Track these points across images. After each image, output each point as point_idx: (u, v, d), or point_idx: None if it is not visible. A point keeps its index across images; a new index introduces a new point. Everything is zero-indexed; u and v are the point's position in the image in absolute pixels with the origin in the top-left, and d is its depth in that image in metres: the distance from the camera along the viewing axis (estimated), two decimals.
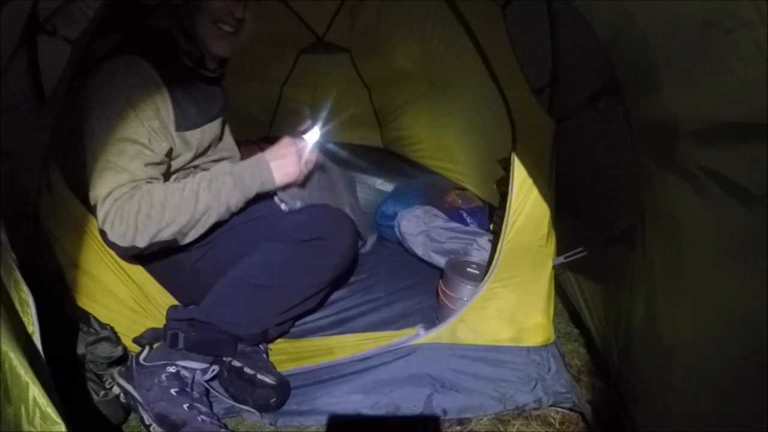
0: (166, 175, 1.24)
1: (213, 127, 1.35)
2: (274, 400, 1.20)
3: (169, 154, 1.22)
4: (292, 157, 1.33)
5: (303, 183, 1.43)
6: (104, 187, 1.12)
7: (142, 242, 1.14)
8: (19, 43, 1.15)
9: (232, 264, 1.28)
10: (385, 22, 2.30)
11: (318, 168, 1.52)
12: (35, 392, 0.77)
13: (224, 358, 1.23)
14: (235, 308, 1.24)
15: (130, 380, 1.17)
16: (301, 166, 1.36)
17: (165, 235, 1.16)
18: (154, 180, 1.18)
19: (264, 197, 1.37)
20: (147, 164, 1.15)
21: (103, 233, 1.14)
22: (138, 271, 1.29)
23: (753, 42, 0.66)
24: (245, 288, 1.25)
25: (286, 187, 1.38)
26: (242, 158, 1.40)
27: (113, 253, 1.22)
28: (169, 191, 1.17)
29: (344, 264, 1.37)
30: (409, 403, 1.25)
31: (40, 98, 1.28)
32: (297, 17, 2.38)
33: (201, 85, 1.30)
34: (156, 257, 1.26)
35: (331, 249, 1.31)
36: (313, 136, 1.44)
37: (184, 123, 1.23)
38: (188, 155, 1.27)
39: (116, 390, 1.17)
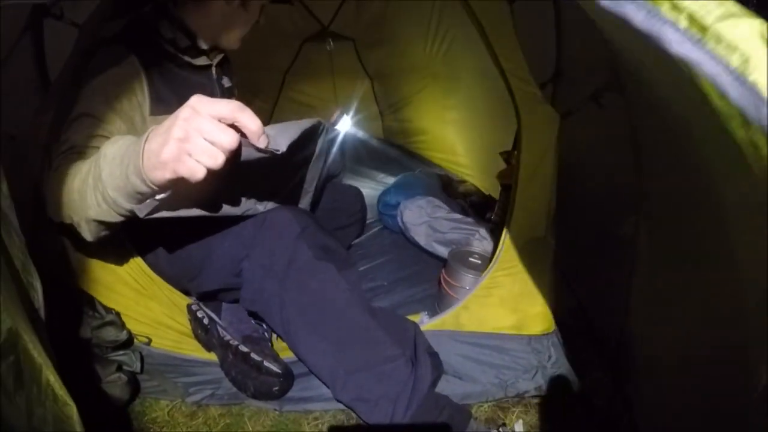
0: None
1: None
2: (276, 388, 1.21)
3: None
4: (173, 131, 0.74)
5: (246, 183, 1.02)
6: (57, 148, 1.04)
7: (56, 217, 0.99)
8: (25, 27, 1.15)
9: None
10: (392, 13, 2.30)
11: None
12: (48, 374, 0.78)
13: (231, 342, 1.24)
14: None
15: (217, 312, 1.35)
16: (199, 151, 0.73)
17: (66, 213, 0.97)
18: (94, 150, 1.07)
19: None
20: (95, 135, 1.06)
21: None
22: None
23: None
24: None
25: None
26: None
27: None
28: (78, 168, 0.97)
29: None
30: None
31: (45, 82, 1.28)
32: (303, 6, 2.38)
33: (184, 73, 1.27)
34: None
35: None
36: (344, 125, 1.35)
37: (157, 108, 1.18)
38: None
39: (124, 376, 1.19)
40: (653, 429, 1.09)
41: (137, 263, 1.28)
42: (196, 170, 0.74)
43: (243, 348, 1.22)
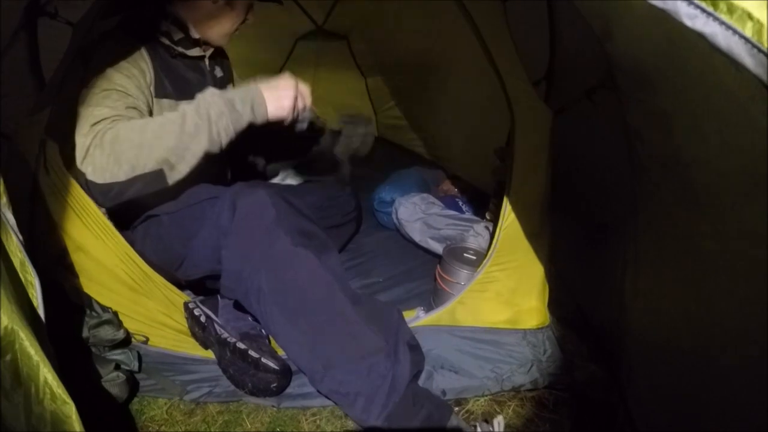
0: None
1: None
2: (274, 385, 1.20)
3: (151, 114, 1.26)
4: (289, 90, 1.24)
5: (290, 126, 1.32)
6: (86, 123, 1.12)
7: (122, 174, 1.10)
8: (19, 26, 1.14)
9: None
10: (385, 11, 2.31)
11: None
12: (46, 372, 0.78)
13: (228, 340, 1.24)
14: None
15: (214, 310, 1.35)
16: (296, 103, 1.26)
17: (149, 164, 1.12)
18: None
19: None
20: (129, 107, 1.17)
21: (84, 175, 1.12)
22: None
23: None
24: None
25: (274, 127, 1.26)
26: None
27: (113, 233, 1.23)
28: (150, 118, 1.20)
29: None
30: None
31: (40, 82, 1.27)
32: (297, 4, 2.38)
33: (178, 62, 1.34)
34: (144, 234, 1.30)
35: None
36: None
37: (158, 91, 1.28)
38: None
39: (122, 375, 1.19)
40: (649, 422, 1.10)
41: (133, 262, 1.28)
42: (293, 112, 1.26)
43: (240, 345, 1.21)
